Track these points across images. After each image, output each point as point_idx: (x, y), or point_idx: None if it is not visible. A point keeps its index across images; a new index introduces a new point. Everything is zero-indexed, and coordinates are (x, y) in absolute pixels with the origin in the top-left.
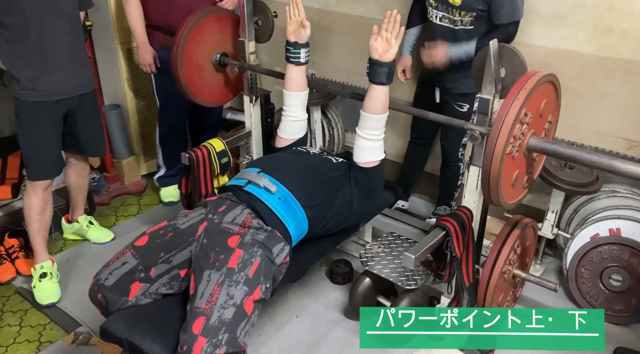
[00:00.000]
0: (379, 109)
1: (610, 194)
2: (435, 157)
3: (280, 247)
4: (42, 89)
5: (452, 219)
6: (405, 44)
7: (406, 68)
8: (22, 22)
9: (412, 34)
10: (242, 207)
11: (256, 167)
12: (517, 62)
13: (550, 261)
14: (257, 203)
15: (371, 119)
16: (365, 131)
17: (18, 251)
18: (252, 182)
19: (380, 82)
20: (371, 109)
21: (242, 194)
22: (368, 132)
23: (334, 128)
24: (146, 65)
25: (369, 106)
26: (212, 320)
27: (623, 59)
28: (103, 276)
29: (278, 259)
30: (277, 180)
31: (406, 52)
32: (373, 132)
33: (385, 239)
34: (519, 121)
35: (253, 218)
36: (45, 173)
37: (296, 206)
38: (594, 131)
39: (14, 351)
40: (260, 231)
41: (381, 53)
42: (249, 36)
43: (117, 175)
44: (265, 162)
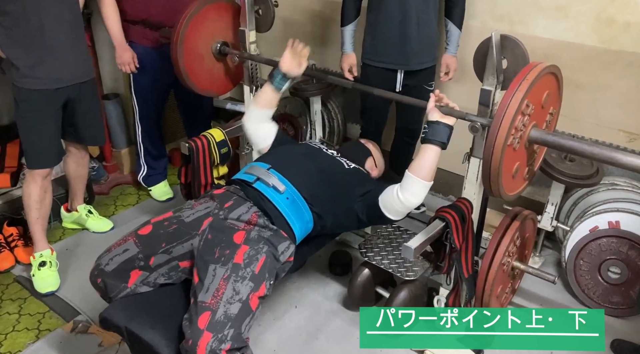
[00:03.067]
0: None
1: (610, 187)
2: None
3: (285, 245)
4: (41, 76)
5: (452, 211)
6: (346, 41)
7: (352, 66)
8: (21, 9)
9: (350, 29)
10: (249, 205)
11: (266, 163)
12: (519, 53)
13: (549, 253)
14: (265, 202)
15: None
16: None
17: (17, 240)
18: (260, 180)
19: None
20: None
21: (250, 191)
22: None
23: (334, 119)
24: (125, 65)
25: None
26: (218, 315)
27: (625, 51)
28: (104, 261)
29: (283, 257)
30: (287, 179)
31: (349, 50)
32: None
33: (385, 231)
34: (521, 113)
35: (259, 217)
36: (45, 162)
37: (303, 207)
38: (595, 123)
39: (13, 339)
40: (266, 230)
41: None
42: (250, 25)
43: (117, 164)
44: (276, 157)
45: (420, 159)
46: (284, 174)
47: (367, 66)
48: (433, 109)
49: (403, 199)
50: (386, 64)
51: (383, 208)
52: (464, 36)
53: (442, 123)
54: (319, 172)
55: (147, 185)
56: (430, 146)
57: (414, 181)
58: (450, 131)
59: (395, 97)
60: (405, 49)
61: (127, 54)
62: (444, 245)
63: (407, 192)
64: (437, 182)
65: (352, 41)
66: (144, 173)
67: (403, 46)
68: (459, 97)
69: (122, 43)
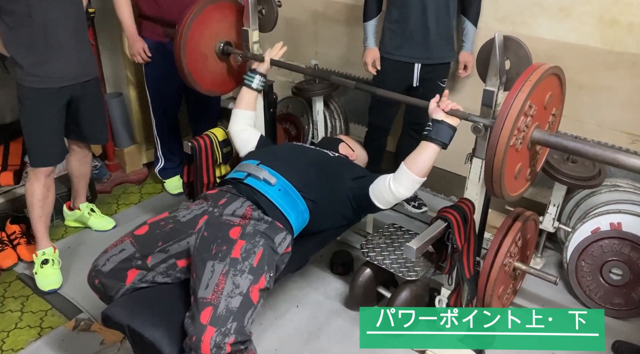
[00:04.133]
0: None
1: (612, 188)
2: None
3: (282, 236)
4: (45, 75)
5: (454, 211)
6: (368, 36)
7: (376, 59)
8: (25, 8)
9: (373, 24)
10: (243, 200)
11: (255, 160)
12: (522, 54)
13: (550, 254)
14: (258, 195)
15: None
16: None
17: (20, 238)
18: (251, 175)
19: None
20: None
21: (242, 187)
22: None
23: (336, 119)
24: (136, 55)
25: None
26: (219, 309)
27: (628, 52)
28: (100, 262)
29: (280, 248)
30: (277, 171)
31: (372, 44)
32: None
33: (387, 231)
34: (524, 114)
35: (253, 210)
36: (48, 160)
37: (296, 197)
38: (597, 124)
39: (15, 337)
40: (262, 222)
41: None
42: (253, 25)
43: (119, 163)
44: (264, 154)
45: (417, 155)
46: (273, 167)
47: (386, 60)
48: (437, 108)
49: (394, 190)
50: (406, 57)
51: (373, 197)
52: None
53: (447, 123)
54: (307, 162)
55: (162, 178)
56: (431, 144)
57: (408, 175)
58: (453, 133)
59: (398, 97)
60: (426, 42)
61: (138, 44)
62: (446, 245)
63: (398, 184)
64: (439, 182)
65: (374, 36)
66: (161, 165)
67: (424, 39)
68: (463, 99)
69: (133, 34)
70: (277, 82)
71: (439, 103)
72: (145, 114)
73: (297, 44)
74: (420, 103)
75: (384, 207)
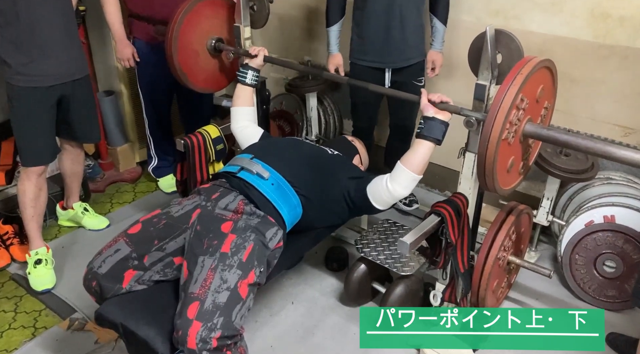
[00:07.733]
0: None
1: (605, 181)
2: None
3: (273, 231)
4: (34, 74)
5: (447, 206)
6: (332, 42)
7: (338, 66)
8: (11, 6)
9: (336, 30)
10: (235, 194)
11: (249, 154)
12: (514, 48)
13: (544, 247)
14: (250, 189)
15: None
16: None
17: (12, 238)
18: (245, 169)
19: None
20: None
21: (235, 181)
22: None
23: (329, 116)
24: (124, 60)
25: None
26: (206, 304)
27: (619, 45)
28: (96, 264)
29: (271, 243)
30: (270, 166)
31: (335, 50)
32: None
33: (381, 226)
34: (515, 107)
35: (245, 204)
36: (39, 159)
37: (289, 191)
38: (590, 117)
39: (9, 337)
40: (253, 217)
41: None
42: (244, 22)
43: (112, 162)
44: (258, 148)
45: (413, 153)
46: (267, 162)
47: (355, 65)
48: (427, 104)
49: (392, 189)
50: (373, 62)
51: (371, 197)
52: (459, 31)
53: (438, 119)
54: (302, 158)
55: (155, 176)
56: (425, 141)
57: (405, 173)
58: (445, 128)
59: (389, 92)
60: (389, 46)
61: (128, 49)
62: (440, 240)
63: (396, 183)
64: (433, 177)
65: (337, 41)
66: (155, 164)
67: (387, 44)
68: (452, 93)
69: (122, 39)
70: (270, 78)
71: (429, 97)
72: (138, 113)
73: (290, 41)
74: (409, 97)
75: (382, 208)
